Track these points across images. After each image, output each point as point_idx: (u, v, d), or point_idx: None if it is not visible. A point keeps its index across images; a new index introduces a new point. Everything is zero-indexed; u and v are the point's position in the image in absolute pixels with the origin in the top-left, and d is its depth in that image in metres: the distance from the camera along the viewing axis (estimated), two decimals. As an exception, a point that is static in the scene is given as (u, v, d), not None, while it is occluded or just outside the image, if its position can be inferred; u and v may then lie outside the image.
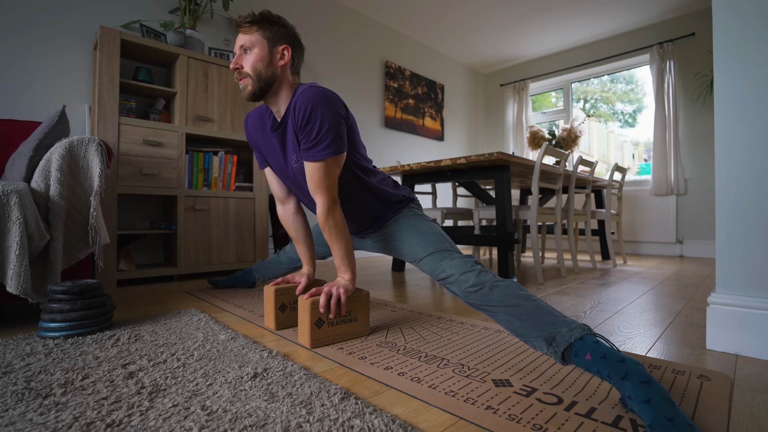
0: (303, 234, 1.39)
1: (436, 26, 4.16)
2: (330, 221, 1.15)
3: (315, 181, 1.12)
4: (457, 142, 5.05)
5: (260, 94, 1.15)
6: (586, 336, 0.84)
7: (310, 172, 1.12)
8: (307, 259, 1.39)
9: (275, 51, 1.14)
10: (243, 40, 1.14)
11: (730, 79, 1.09)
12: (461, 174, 2.32)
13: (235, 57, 1.15)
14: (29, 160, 1.43)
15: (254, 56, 1.12)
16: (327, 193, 1.13)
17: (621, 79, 4.52)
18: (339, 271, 1.19)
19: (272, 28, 1.14)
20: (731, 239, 1.09)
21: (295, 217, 1.39)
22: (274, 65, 1.14)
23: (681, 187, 3.78)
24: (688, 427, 0.60)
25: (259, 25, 1.13)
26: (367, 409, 0.72)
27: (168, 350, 1.05)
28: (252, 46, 1.13)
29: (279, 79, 1.15)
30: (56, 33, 2.19)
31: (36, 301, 1.24)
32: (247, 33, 1.14)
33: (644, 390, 0.67)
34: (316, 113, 1.06)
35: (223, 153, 2.43)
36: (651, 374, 0.74)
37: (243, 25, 1.14)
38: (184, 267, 2.25)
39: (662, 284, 2.20)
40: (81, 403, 0.74)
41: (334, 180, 1.14)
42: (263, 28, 1.13)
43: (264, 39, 1.13)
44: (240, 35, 1.15)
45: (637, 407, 0.67)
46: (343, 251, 1.18)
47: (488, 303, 1.01)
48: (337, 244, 1.18)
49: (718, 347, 1.09)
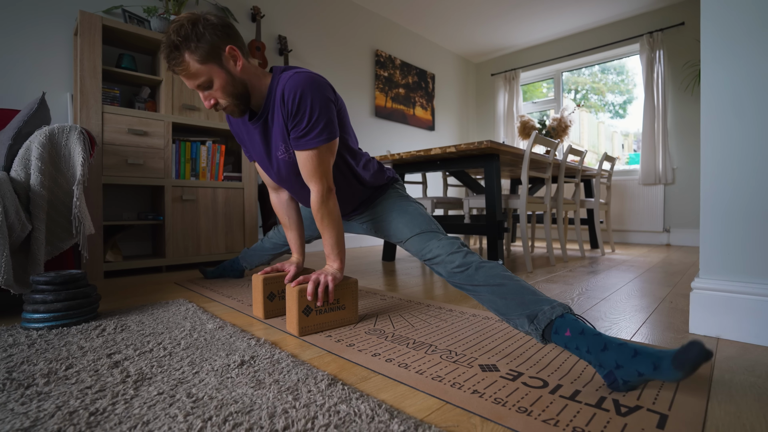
0: (294, 221, 1.38)
1: (426, 14, 4.11)
2: (323, 209, 1.14)
3: (309, 169, 1.10)
4: (448, 132, 5.04)
5: (247, 105, 1.11)
6: (567, 314, 0.86)
7: (303, 160, 1.10)
8: (297, 246, 1.37)
9: (226, 62, 1.02)
10: (192, 81, 1.02)
11: (717, 68, 1.10)
12: (451, 163, 2.32)
13: (202, 97, 1.05)
14: (8, 149, 1.39)
15: (218, 85, 1.02)
16: (321, 180, 1.11)
17: (611, 69, 4.53)
18: (328, 260, 1.19)
19: (199, 43, 0.98)
20: (715, 226, 1.10)
21: (288, 204, 1.37)
22: (237, 75, 1.04)
23: (669, 176, 3.82)
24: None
25: (189, 51, 0.98)
26: (353, 394, 0.72)
27: (154, 339, 1.04)
28: (206, 79, 1.01)
29: (249, 81, 1.08)
30: (35, 17, 2.12)
31: (18, 292, 1.22)
32: (186, 71, 1.00)
33: (627, 348, 0.74)
34: (305, 100, 1.03)
35: (210, 142, 2.40)
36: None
37: (177, 68, 1.00)
38: (172, 258, 2.23)
39: (649, 272, 2.23)
40: (64, 393, 0.73)
41: (328, 167, 1.12)
42: (195, 52, 0.98)
43: (208, 63, 1.00)
44: (183, 78, 1.02)
45: (631, 364, 0.71)
46: (334, 240, 1.17)
47: (473, 283, 1.02)
48: (328, 233, 1.17)
49: (700, 331, 1.11)
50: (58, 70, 2.19)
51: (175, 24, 0.99)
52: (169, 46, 0.99)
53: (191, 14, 1.01)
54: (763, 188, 1.03)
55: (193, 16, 1.00)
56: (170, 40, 0.98)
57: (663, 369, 0.66)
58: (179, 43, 0.98)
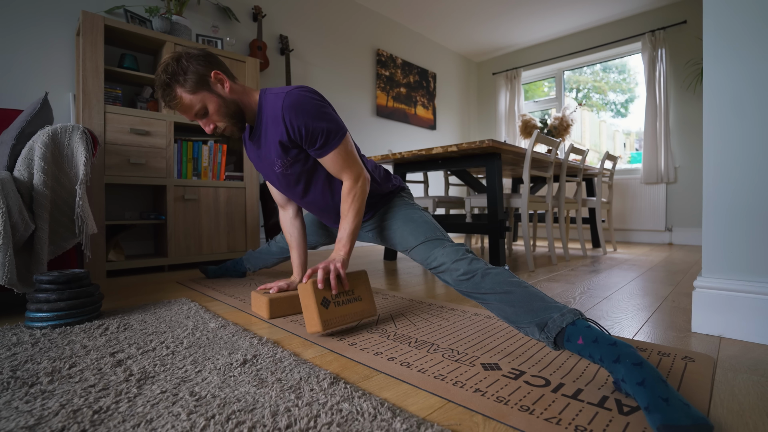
0: (298, 240, 1.42)
1: (428, 13, 4.11)
2: (356, 193, 1.16)
3: (339, 165, 1.15)
4: (449, 131, 5.03)
5: (243, 123, 1.17)
6: (578, 321, 0.84)
7: (331, 162, 1.15)
8: (298, 265, 1.42)
9: (214, 87, 1.10)
10: (189, 113, 1.10)
11: (719, 67, 1.10)
12: (452, 162, 2.32)
13: (202, 125, 1.14)
14: (11, 149, 1.40)
15: (213, 109, 1.10)
16: (354, 167, 1.17)
17: (613, 68, 4.52)
18: (338, 245, 1.15)
19: (187, 76, 1.07)
20: (717, 224, 1.10)
21: (293, 222, 1.42)
22: (227, 97, 1.12)
23: (671, 175, 3.81)
24: (683, 406, 0.59)
25: (179, 85, 1.07)
26: (356, 393, 0.73)
27: (157, 338, 1.04)
28: (201, 106, 1.09)
29: (239, 99, 1.15)
30: (37, 18, 2.12)
31: (22, 291, 1.23)
32: (181, 104, 1.09)
33: (637, 372, 0.67)
34: (308, 123, 1.09)
35: (212, 142, 2.40)
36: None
37: (172, 103, 1.09)
38: (174, 257, 2.23)
39: (651, 271, 2.23)
40: (68, 391, 0.74)
41: (354, 156, 1.17)
42: (185, 85, 1.07)
43: (198, 91, 1.08)
44: (180, 112, 1.12)
45: (631, 390, 0.67)
46: (352, 227, 1.16)
47: (480, 291, 1.01)
48: (350, 218, 1.16)
49: (702, 330, 1.11)
50: (60, 70, 2.19)
51: (161, 66, 1.08)
52: (161, 86, 1.08)
53: (173, 53, 1.10)
54: (766, 186, 1.03)
55: (175, 54, 1.10)
56: (160, 80, 1.07)
57: (651, 418, 0.61)
58: (169, 80, 1.06)
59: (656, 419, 0.59)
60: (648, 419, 0.61)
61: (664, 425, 0.57)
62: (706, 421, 0.57)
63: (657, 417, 0.59)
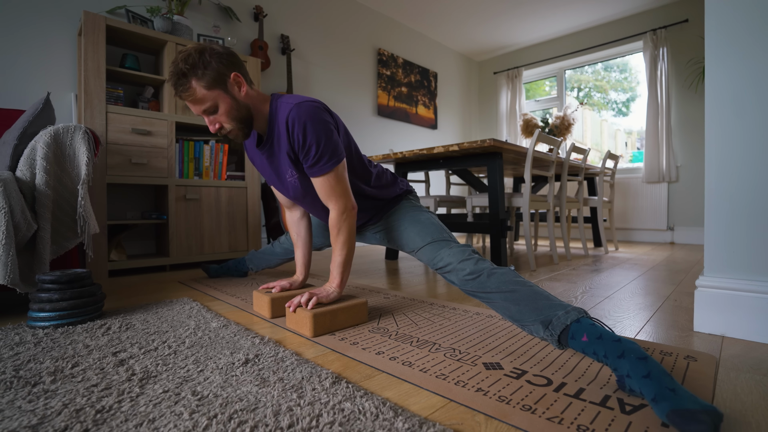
0: (303, 239, 1.42)
1: (429, 12, 4.11)
2: (341, 226, 1.16)
3: (326, 191, 1.14)
4: (451, 131, 5.03)
5: (250, 129, 1.15)
6: (582, 318, 0.85)
7: (320, 185, 1.14)
8: (301, 264, 1.42)
9: (231, 88, 1.08)
10: (197, 107, 1.07)
11: (721, 66, 1.09)
12: (454, 161, 2.32)
13: (208, 122, 1.10)
14: (14, 149, 1.40)
15: (223, 109, 1.07)
16: (340, 199, 1.14)
17: (614, 67, 4.51)
18: (330, 276, 1.20)
19: (206, 71, 1.04)
20: (719, 223, 1.10)
21: (299, 222, 1.42)
22: (241, 100, 1.10)
23: (672, 174, 3.80)
24: (691, 395, 0.60)
25: (196, 78, 1.03)
26: (358, 392, 0.73)
27: (159, 338, 1.05)
28: (212, 104, 1.06)
29: (252, 105, 1.13)
30: (39, 18, 2.13)
31: (24, 291, 1.23)
32: (193, 96, 1.05)
33: (642, 365, 0.68)
34: (310, 133, 1.08)
35: (213, 142, 2.40)
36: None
37: (184, 94, 1.05)
38: (176, 257, 2.24)
39: (652, 270, 2.22)
40: (70, 390, 0.74)
41: (346, 186, 1.15)
42: (202, 79, 1.03)
43: (214, 89, 1.05)
44: (189, 104, 1.08)
45: (637, 384, 0.67)
46: (342, 259, 1.17)
47: (485, 290, 1.02)
48: (339, 251, 1.17)
49: (705, 329, 1.11)
50: (62, 70, 2.20)
51: (182, 53, 1.04)
52: (176, 74, 1.04)
53: (198, 44, 1.07)
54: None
55: (200, 46, 1.06)
56: (178, 68, 1.03)
57: (658, 407, 0.61)
58: (187, 70, 1.03)
59: (664, 407, 0.59)
60: (655, 410, 0.61)
61: (673, 410, 0.58)
62: (715, 408, 0.57)
63: (665, 405, 0.60)
